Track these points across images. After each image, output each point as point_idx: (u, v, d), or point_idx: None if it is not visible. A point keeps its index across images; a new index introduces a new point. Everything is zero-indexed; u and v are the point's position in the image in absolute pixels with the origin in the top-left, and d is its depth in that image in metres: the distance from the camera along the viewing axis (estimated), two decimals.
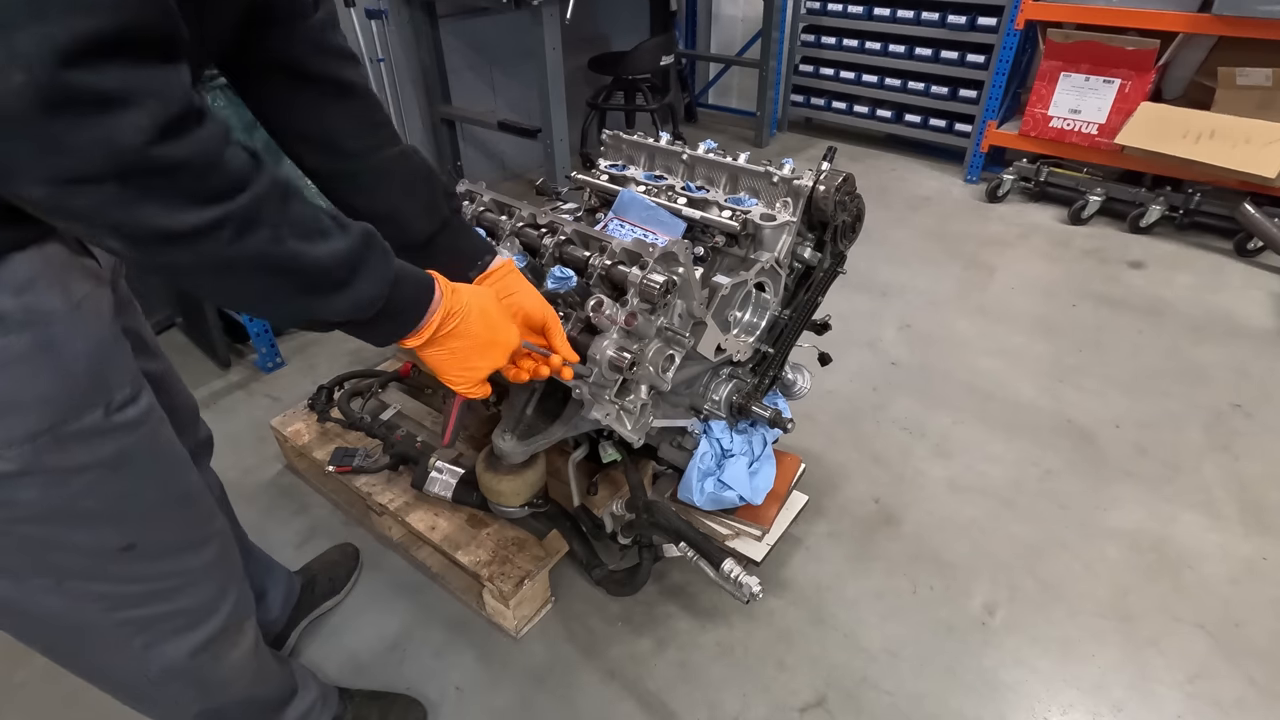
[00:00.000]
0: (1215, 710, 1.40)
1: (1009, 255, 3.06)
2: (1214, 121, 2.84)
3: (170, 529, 0.82)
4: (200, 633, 0.90)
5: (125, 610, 0.81)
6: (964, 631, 1.55)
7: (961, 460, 1.99)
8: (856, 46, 3.94)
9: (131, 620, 0.83)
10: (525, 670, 1.49)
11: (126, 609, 0.81)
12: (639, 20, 4.22)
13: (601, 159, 1.67)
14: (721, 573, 1.34)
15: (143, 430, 0.75)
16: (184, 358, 2.46)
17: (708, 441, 1.50)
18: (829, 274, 1.47)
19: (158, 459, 0.79)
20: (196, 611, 0.89)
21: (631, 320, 1.13)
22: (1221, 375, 2.30)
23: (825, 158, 1.43)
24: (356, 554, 1.69)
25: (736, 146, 1.79)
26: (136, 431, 0.74)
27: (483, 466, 1.39)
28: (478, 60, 3.47)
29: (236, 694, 1.02)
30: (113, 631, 0.82)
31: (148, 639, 0.85)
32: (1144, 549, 1.73)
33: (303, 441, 1.82)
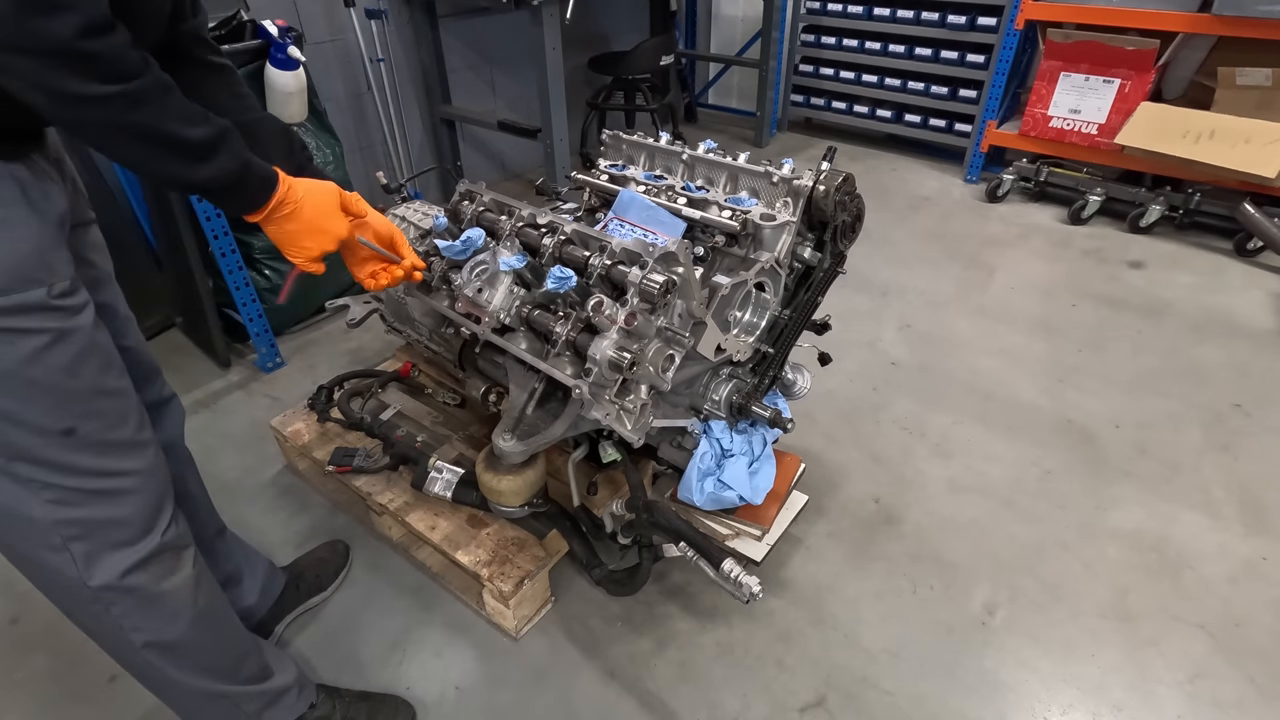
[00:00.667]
0: (1215, 710, 1.40)
1: (1009, 255, 3.06)
2: (1214, 121, 2.84)
3: (107, 422, 0.93)
4: (137, 550, 0.98)
5: (66, 508, 0.92)
6: (964, 632, 1.55)
7: (961, 460, 1.99)
8: (856, 46, 3.93)
9: (72, 520, 0.93)
10: (525, 670, 1.49)
11: (67, 507, 0.92)
12: (639, 20, 4.22)
13: (601, 159, 1.67)
14: (721, 573, 1.34)
15: (80, 318, 0.89)
16: (184, 358, 2.46)
17: (708, 441, 1.50)
18: (829, 274, 1.47)
19: (95, 349, 0.91)
20: (133, 524, 0.98)
21: (631, 320, 1.13)
22: (1221, 375, 2.30)
23: (825, 158, 1.43)
24: (346, 551, 1.71)
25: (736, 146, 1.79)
26: (75, 317, 0.88)
27: (483, 466, 1.40)
28: (478, 60, 3.47)
29: (183, 631, 1.06)
30: (56, 530, 0.92)
31: (88, 547, 0.95)
32: (1144, 549, 1.73)
33: (303, 441, 1.82)
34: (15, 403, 0.85)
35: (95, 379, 0.91)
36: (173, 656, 1.08)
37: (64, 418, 0.88)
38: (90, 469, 0.92)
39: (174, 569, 1.04)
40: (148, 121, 0.79)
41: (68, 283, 0.87)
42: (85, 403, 0.90)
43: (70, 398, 0.89)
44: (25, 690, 1.47)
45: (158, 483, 1.02)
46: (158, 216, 2.29)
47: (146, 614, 1.03)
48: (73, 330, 0.88)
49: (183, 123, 0.83)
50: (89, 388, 0.91)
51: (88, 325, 0.90)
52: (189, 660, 1.10)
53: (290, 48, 2.16)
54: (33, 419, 0.87)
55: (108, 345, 0.95)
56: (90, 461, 0.92)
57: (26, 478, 0.89)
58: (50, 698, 1.46)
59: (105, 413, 0.93)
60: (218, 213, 2.09)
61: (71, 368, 0.88)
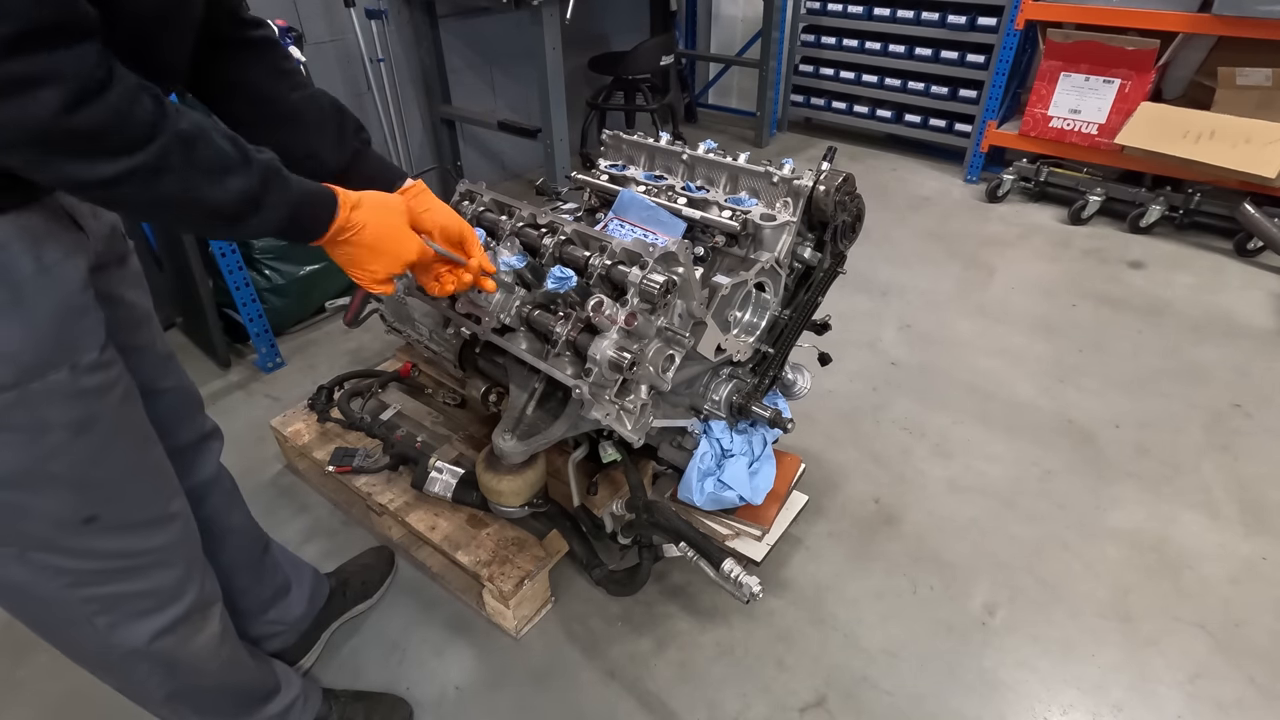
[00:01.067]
0: (1215, 710, 1.40)
1: (1009, 255, 3.06)
2: (1214, 121, 2.84)
3: (133, 504, 0.85)
4: (164, 616, 0.92)
5: (87, 588, 0.84)
6: (964, 631, 1.55)
7: (961, 460, 1.99)
8: (856, 46, 3.93)
9: (94, 598, 0.86)
10: (525, 670, 1.49)
11: (89, 586, 0.84)
12: (639, 20, 4.22)
13: (601, 159, 1.67)
14: (721, 573, 1.34)
15: (110, 396, 0.79)
16: (184, 358, 2.42)
17: (708, 441, 1.50)
18: (829, 274, 1.47)
19: (124, 428, 0.82)
20: (159, 594, 0.92)
21: (631, 320, 1.13)
22: (1221, 375, 2.30)
23: (825, 158, 1.43)
24: (391, 558, 1.68)
25: (736, 146, 1.79)
26: (104, 397, 0.78)
27: (483, 466, 1.39)
28: (478, 60, 3.47)
29: (207, 680, 1.04)
30: (76, 608, 0.85)
31: (111, 619, 0.88)
32: (1144, 549, 1.73)
33: (303, 441, 1.82)
34: (32, 497, 0.76)
35: (124, 462, 0.83)
36: (194, 702, 1.06)
37: (86, 507, 0.80)
38: (112, 552, 0.85)
39: (201, 628, 1.00)
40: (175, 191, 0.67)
41: (96, 353, 0.76)
42: (110, 489, 0.82)
43: (95, 487, 0.80)
44: (25, 690, 1.47)
45: (187, 550, 0.95)
46: None
47: (172, 672, 0.99)
48: (99, 416, 0.77)
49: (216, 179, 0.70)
50: (117, 474, 0.82)
51: (115, 404, 0.80)
52: (210, 704, 1.09)
53: (290, 48, 2.16)
54: (51, 511, 0.78)
55: (139, 419, 0.86)
56: (113, 545, 0.84)
57: (42, 565, 0.81)
58: (50, 697, 1.46)
59: (131, 494, 0.85)
60: None
61: (97, 457, 0.79)
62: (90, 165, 0.61)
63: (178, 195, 0.68)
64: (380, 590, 1.63)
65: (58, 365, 0.72)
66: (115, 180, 0.63)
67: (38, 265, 0.70)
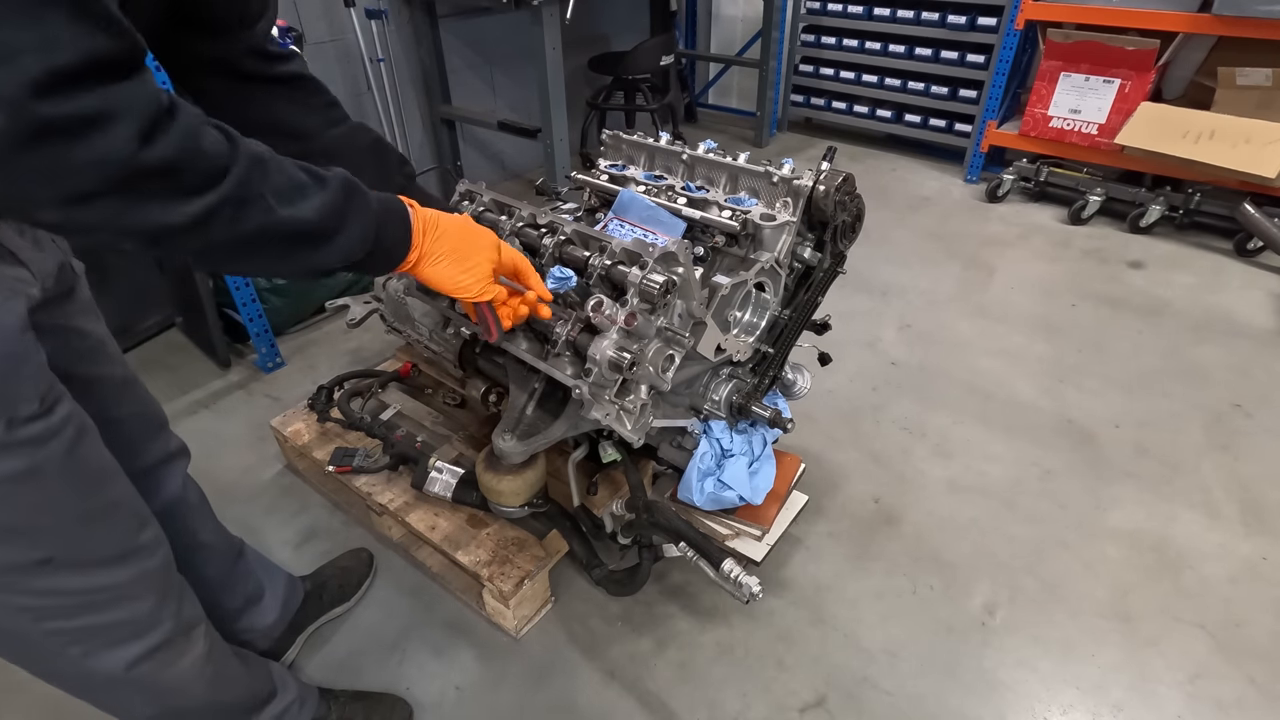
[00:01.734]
0: (1215, 710, 1.40)
1: (1009, 255, 3.06)
2: (1214, 121, 2.84)
3: (91, 543, 0.81)
4: (140, 644, 0.90)
5: (53, 621, 0.82)
6: (964, 631, 1.55)
7: (961, 460, 1.99)
8: (856, 46, 3.93)
9: (62, 631, 0.83)
10: (525, 670, 1.49)
11: (54, 620, 0.82)
12: (639, 20, 4.22)
13: (601, 159, 1.67)
14: (721, 573, 1.34)
15: (54, 444, 0.74)
16: (184, 358, 2.46)
17: (708, 441, 1.50)
18: (829, 274, 1.47)
19: (75, 473, 0.78)
20: (133, 624, 0.88)
21: (631, 320, 1.13)
22: (1221, 375, 2.30)
23: (825, 158, 1.42)
24: (370, 560, 1.68)
25: (736, 146, 1.79)
26: (46, 445, 0.73)
27: (483, 466, 1.39)
28: (478, 60, 3.47)
29: (194, 700, 1.02)
30: (46, 640, 0.83)
31: (84, 649, 0.85)
32: (1144, 549, 1.73)
33: (303, 441, 1.82)
34: None
35: (75, 506, 0.78)
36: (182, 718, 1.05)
37: (38, 550, 0.76)
38: (74, 589, 0.81)
39: (184, 651, 0.97)
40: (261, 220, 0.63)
41: (35, 405, 0.71)
42: (63, 532, 0.78)
43: (45, 532, 0.76)
44: (25, 690, 1.47)
45: (159, 580, 0.92)
46: None
47: (154, 695, 0.97)
48: (42, 465, 0.73)
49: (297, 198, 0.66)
50: (68, 518, 0.78)
51: (61, 453, 0.75)
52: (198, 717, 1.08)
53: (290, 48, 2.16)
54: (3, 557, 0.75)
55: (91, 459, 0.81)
56: (74, 583, 0.81)
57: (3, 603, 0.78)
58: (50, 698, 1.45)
59: (89, 534, 0.81)
60: None
61: (43, 505, 0.75)
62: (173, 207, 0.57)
63: (264, 224, 0.64)
64: (358, 593, 1.63)
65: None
66: (205, 218, 0.58)
67: None
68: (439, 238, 0.83)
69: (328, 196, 0.69)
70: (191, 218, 0.57)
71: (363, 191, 0.75)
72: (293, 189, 0.66)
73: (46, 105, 0.49)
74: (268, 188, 0.63)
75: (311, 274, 0.74)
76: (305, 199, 0.67)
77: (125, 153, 0.52)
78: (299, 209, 0.66)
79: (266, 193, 0.63)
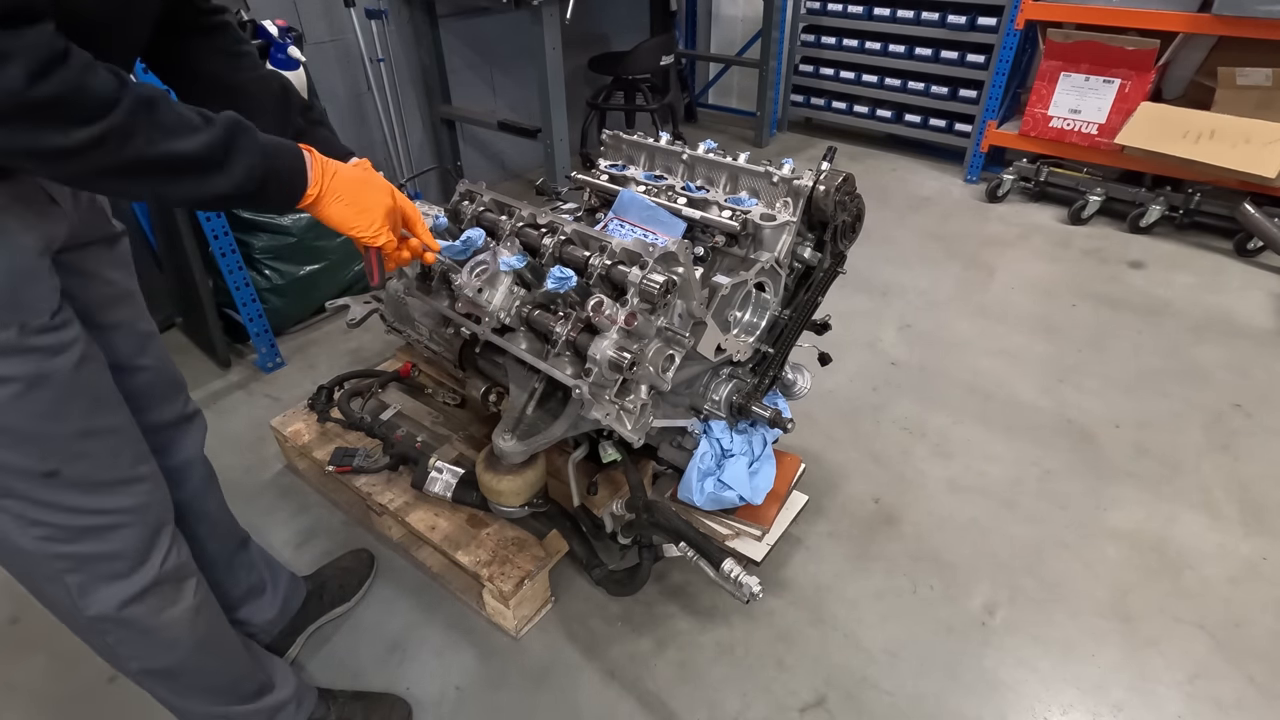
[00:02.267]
0: (1215, 710, 1.40)
1: (1009, 255, 3.06)
2: (1214, 121, 2.84)
3: (94, 462, 0.88)
4: (132, 582, 0.95)
5: (57, 545, 0.88)
6: (964, 631, 1.55)
7: (961, 460, 1.99)
8: (856, 46, 3.93)
9: (64, 555, 0.89)
10: (525, 670, 1.49)
11: (58, 543, 0.88)
12: (639, 20, 4.22)
13: (601, 159, 1.67)
14: (721, 573, 1.34)
15: (61, 358, 0.82)
16: (184, 358, 2.46)
17: (708, 441, 1.50)
18: (829, 274, 1.47)
19: (81, 388, 0.85)
20: (127, 557, 0.94)
21: (631, 320, 1.13)
22: (1221, 375, 2.30)
23: (825, 158, 1.43)
24: (371, 561, 1.68)
25: (736, 146, 1.79)
26: (55, 357, 0.82)
27: (483, 466, 1.40)
28: (478, 60, 3.47)
29: (182, 658, 1.05)
30: (49, 564, 0.90)
31: (81, 579, 0.92)
32: (1144, 549, 1.73)
33: (303, 441, 1.82)
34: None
35: (80, 422, 0.86)
36: (168, 681, 1.07)
37: (46, 461, 0.84)
38: (77, 507, 0.88)
39: (173, 600, 1.01)
40: (145, 151, 0.71)
41: (47, 317, 0.80)
42: (68, 446, 0.85)
43: (51, 442, 0.84)
44: (25, 690, 1.47)
45: (153, 516, 0.97)
46: (158, 216, 2.29)
47: (142, 643, 1.01)
48: (50, 374, 0.81)
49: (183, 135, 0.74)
50: (73, 431, 0.85)
51: (69, 366, 0.83)
52: (185, 684, 1.09)
53: (290, 48, 2.16)
54: (12, 462, 0.82)
55: (97, 382, 0.89)
56: (77, 500, 0.88)
57: (15, 513, 0.86)
58: (50, 698, 1.46)
59: (92, 453, 0.88)
60: (218, 213, 2.09)
61: (51, 413, 0.82)
62: (62, 133, 0.66)
63: (148, 155, 0.72)
64: (358, 593, 1.63)
65: (4, 324, 0.77)
66: (89, 144, 0.67)
67: None
68: (337, 181, 0.91)
69: (214, 133, 0.77)
70: (79, 142, 0.66)
71: (251, 132, 0.81)
72: (179, 125, 0.74)
73: None
74: (153, 123, 0.71)
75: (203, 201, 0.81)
76: (191, 135, 0.75)
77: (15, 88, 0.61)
78: (184, 142, 0.74)
79: (150, 127, 0.71)
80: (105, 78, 0.68)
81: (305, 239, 2.40)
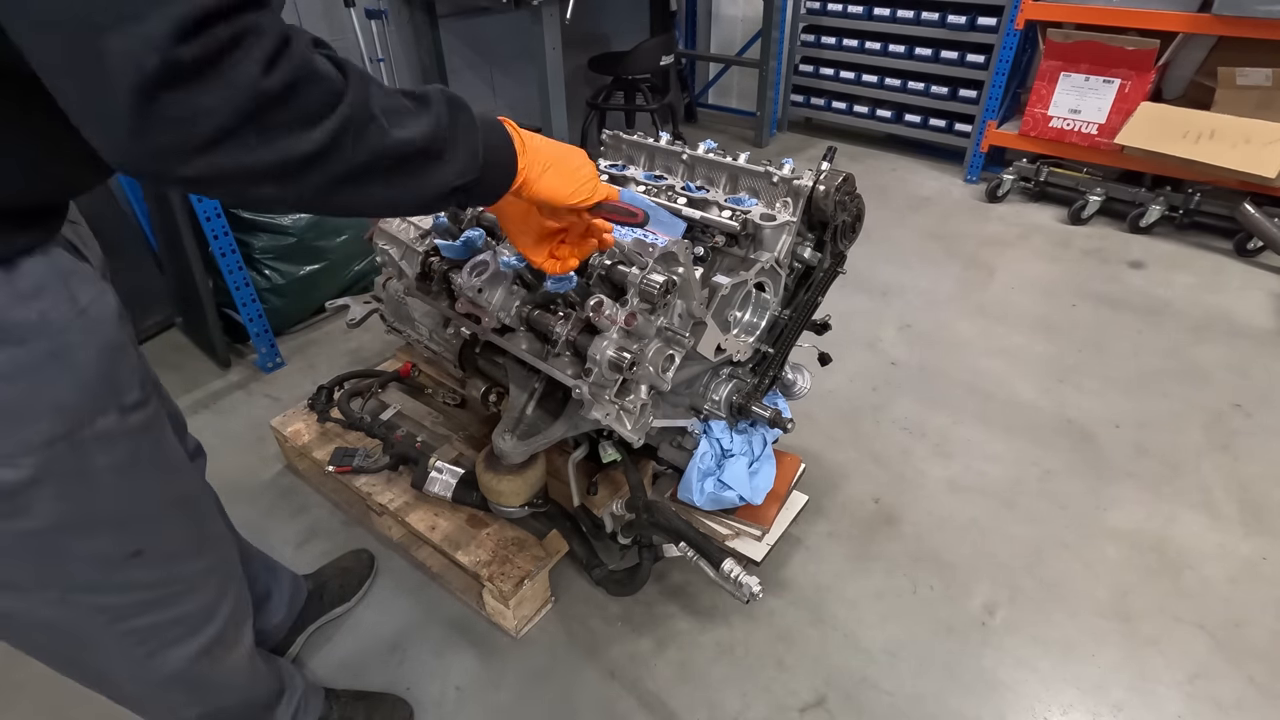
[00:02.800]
0: (1215, 710, 1.40)
1: (1009, 255, 3.06)
2: (1214, 121, 2.84)
3: (175, 533, 0.83)
4: (200, 639, 0.91)
5: (128, 621, 0.82)
6: (964, 631, 1.55)
7: (961, 460, 1.99)
8: (856, 46, 3.93)
9: (134, 630, 0.83)
10: (525, 670, 1.49)
11: (129, 619, 0.82)
12: (639, 20, 4.22)
13: (601, 159, 1.67)
14: (721, 573, 1.34)
15: (152, 431, 0.76)
16: (184, 357, 2.46)
17: (708, 441, 1.50)
18: (829, 274, 1.47)
19: (165, 460, 0.80)
20: (196, 617, 0.90)
21: (631, 320, 1.13)
22: (1221, 375, 2.30)
23: (825, 158, 1.43)
24: (371, 561, 1.68)
25: (736, 146, 1.79)
26: (148, 433, 0.75)
27: (483, 466, 1.40)
28: (478, 60, 3.47)
29: (233, 697, 1.03)
30: (115, 642, 0.83)
31: (150, 648, 0.86)
32: (1144, 549, 1.73)
33: (303, 441, 1.82)
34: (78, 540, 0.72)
35: (164, 494, 0.79)
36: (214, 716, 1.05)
37: (132, 543, 0.76)
38: (154, 581, 0.81)
39: (234, 645, 0.98)
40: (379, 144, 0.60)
41: (138, 392, 0.72)
42: (154, 522, 0.79)
43: (139, 521, 0.76)
44: (25, 690, 1.47)
45: (225, 571, 0.93)
46: (158, 216, 2.29)
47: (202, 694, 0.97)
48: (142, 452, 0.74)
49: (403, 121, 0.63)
50: (158, 507, 0.79)
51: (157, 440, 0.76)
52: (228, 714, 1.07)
53: None
54: (96, 551, 0.74)
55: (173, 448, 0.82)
56: (156, 575, 0.81)
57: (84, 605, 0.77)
58: (50, 698, 1.46)
59: (174, 523, 0.82)
60: (218, 213, 2.08)
61: (140, 493, 0.75)
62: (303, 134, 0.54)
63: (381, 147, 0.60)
64: (359, 593, 1.63)
65: (106, 409, 0.69)
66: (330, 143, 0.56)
67: (75, 308, 0.66)
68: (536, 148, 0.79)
69: (433, 113, 0.66)
70: (318, 144, 0.55)
71: (465, 106, 0.71)
72: (399, 110, 0.63)
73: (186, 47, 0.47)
74: (378, 108, 0.60)
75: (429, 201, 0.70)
76: (412, 118, 0.64)
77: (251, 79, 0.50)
78: (409, 129, 0.63)
79: (379, 113, 0.60)
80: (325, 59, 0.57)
81: (305, 239, 2.40)
